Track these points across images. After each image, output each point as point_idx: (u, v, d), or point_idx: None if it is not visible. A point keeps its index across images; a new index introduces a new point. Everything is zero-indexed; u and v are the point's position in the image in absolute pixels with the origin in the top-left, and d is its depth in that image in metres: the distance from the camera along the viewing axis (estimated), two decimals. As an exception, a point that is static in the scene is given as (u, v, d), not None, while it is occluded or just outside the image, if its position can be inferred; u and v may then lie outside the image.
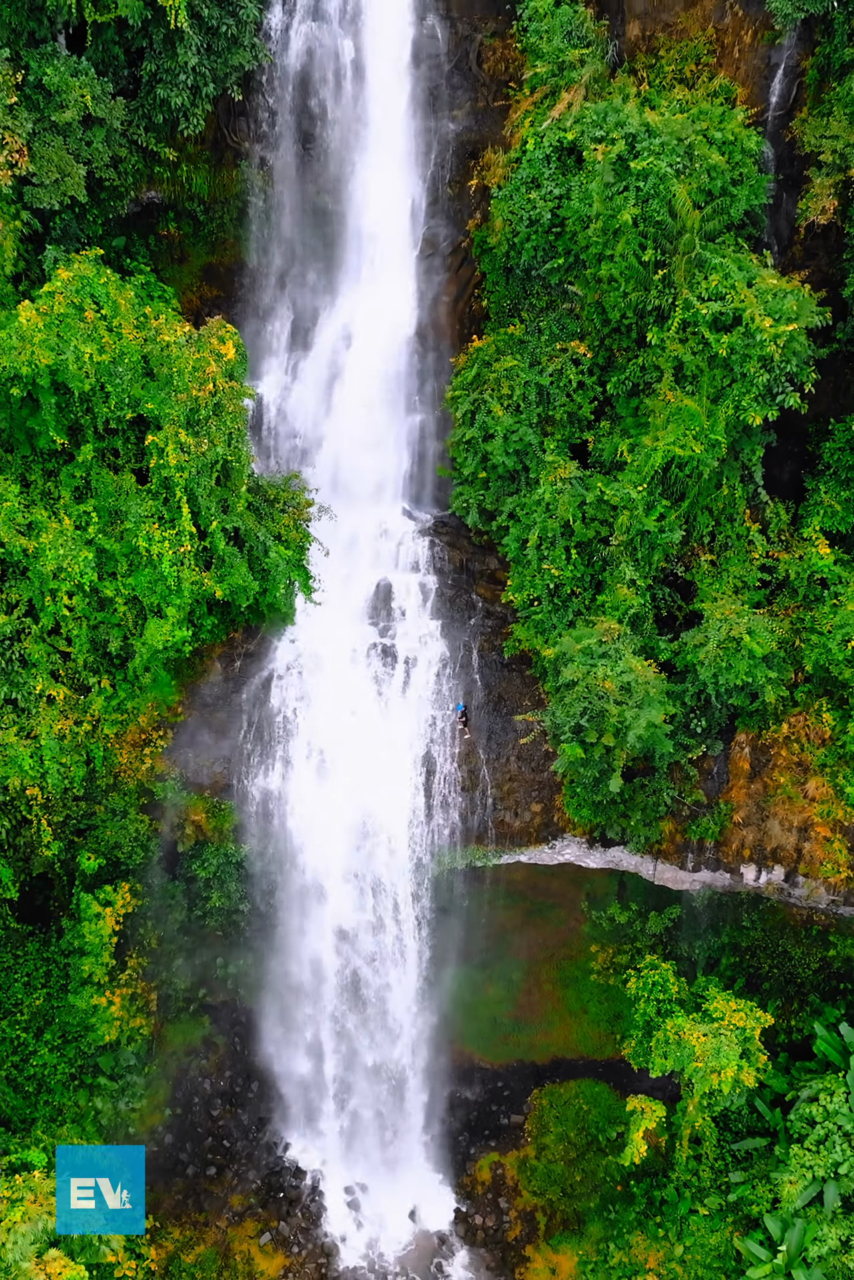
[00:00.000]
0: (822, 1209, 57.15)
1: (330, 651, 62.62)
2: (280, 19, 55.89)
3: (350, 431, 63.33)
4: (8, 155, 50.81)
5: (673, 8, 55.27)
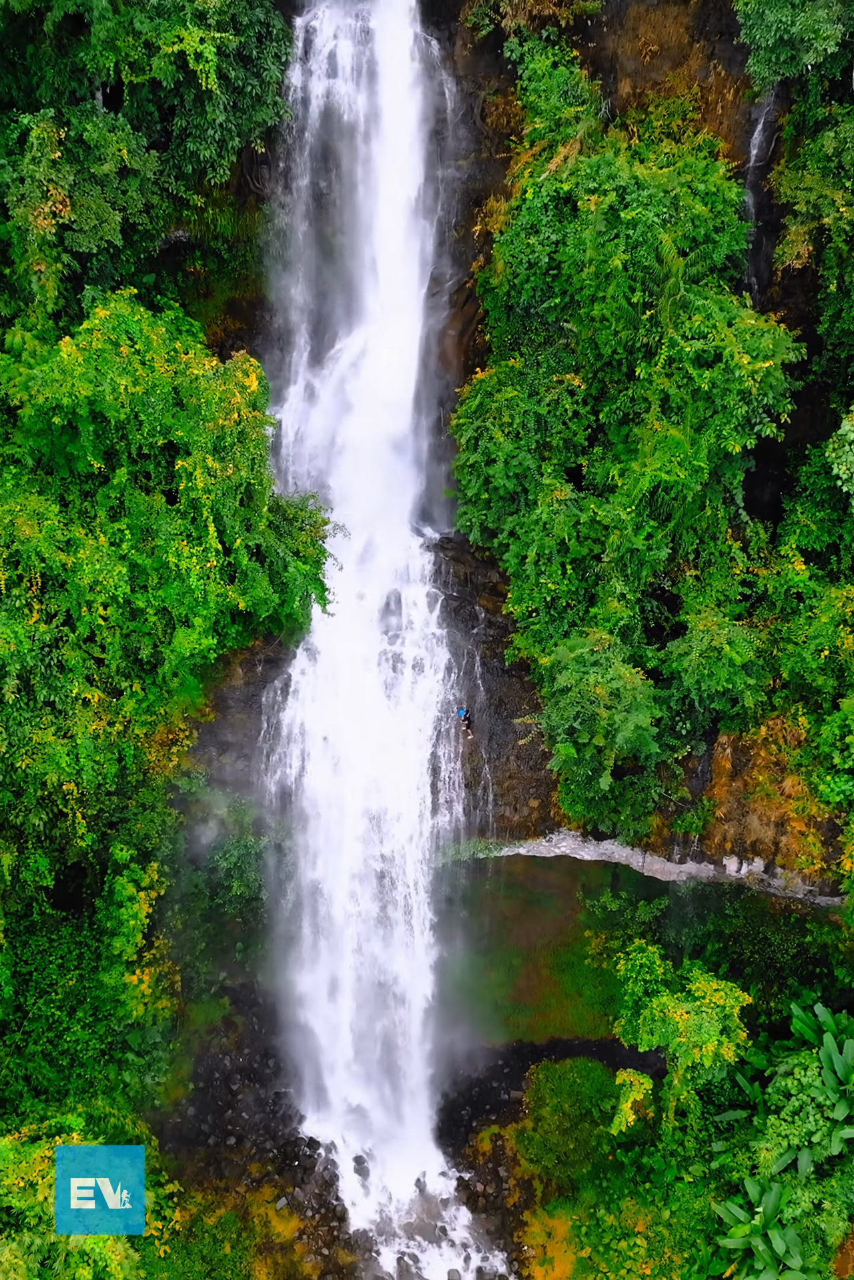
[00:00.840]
0: (796, 1174, 61.19)
1: (344, 657, 66.29)
2: (300, 77, 59.88)
3: (363, 454, 66.97)
4: (52, 205, 54.94)
5: (661, 67, 59.41)
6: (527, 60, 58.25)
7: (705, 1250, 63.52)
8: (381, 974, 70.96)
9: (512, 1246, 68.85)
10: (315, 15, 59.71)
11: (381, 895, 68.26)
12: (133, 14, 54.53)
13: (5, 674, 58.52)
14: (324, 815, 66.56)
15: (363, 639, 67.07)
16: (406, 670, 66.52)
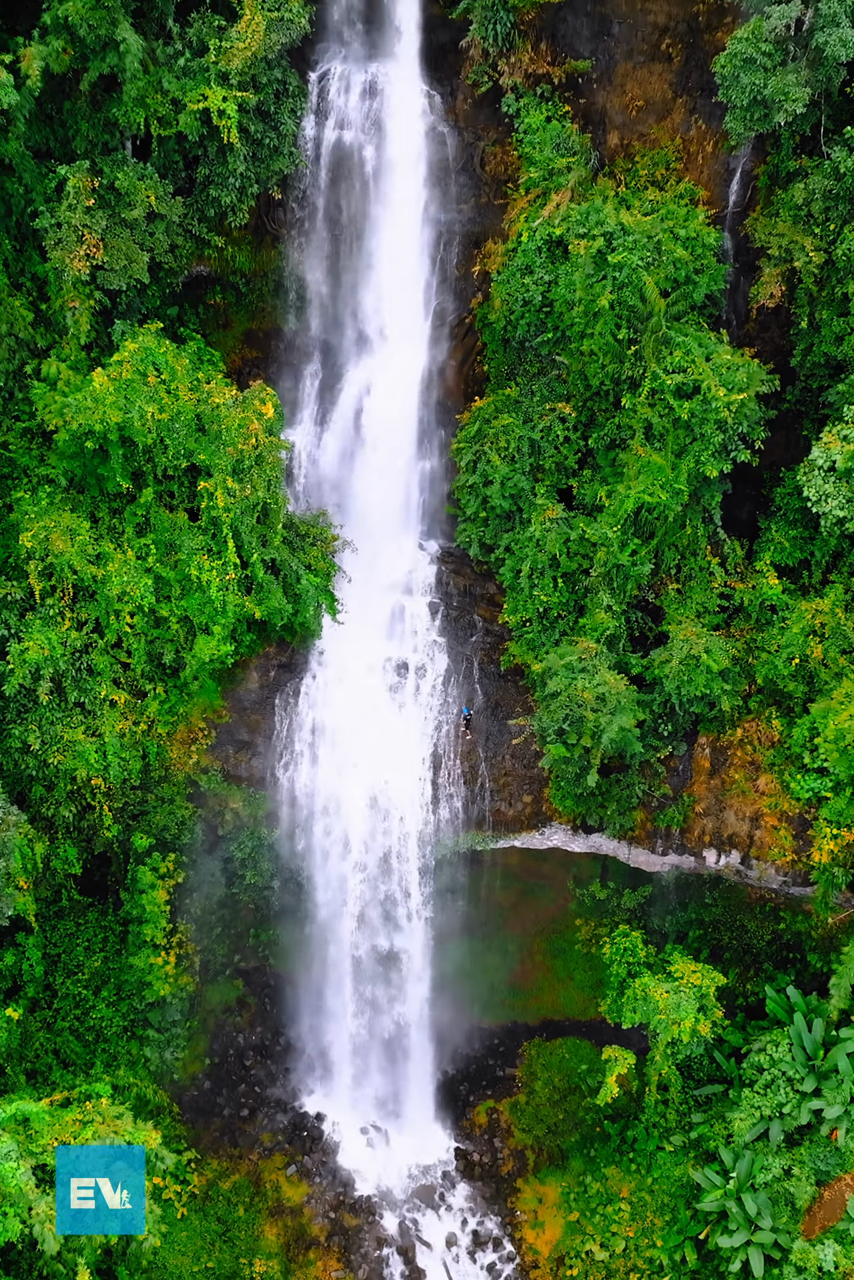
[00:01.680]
0: (768, 1143, 65.33)
1: (352, 663, 70.74)
2: (313, 127, 64.37)
3: (370, 475, 71.31)
4: (86, 249, 59.51)
5: (647, 120, 63.87)
6: (522, 114, 62.82)
7: (684, 1213, 67.73)
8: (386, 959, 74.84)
9: (505, 1211, 73.17)
10: (328, 70, 64.36)
11: (386, 884, 72.32)
12: (161, 74, 59.14)
13: (39, 677, 63.19)
14: (333, 808, 70.81)
15: (369, 645, 71.43)
16: (410, 675, 70.93)
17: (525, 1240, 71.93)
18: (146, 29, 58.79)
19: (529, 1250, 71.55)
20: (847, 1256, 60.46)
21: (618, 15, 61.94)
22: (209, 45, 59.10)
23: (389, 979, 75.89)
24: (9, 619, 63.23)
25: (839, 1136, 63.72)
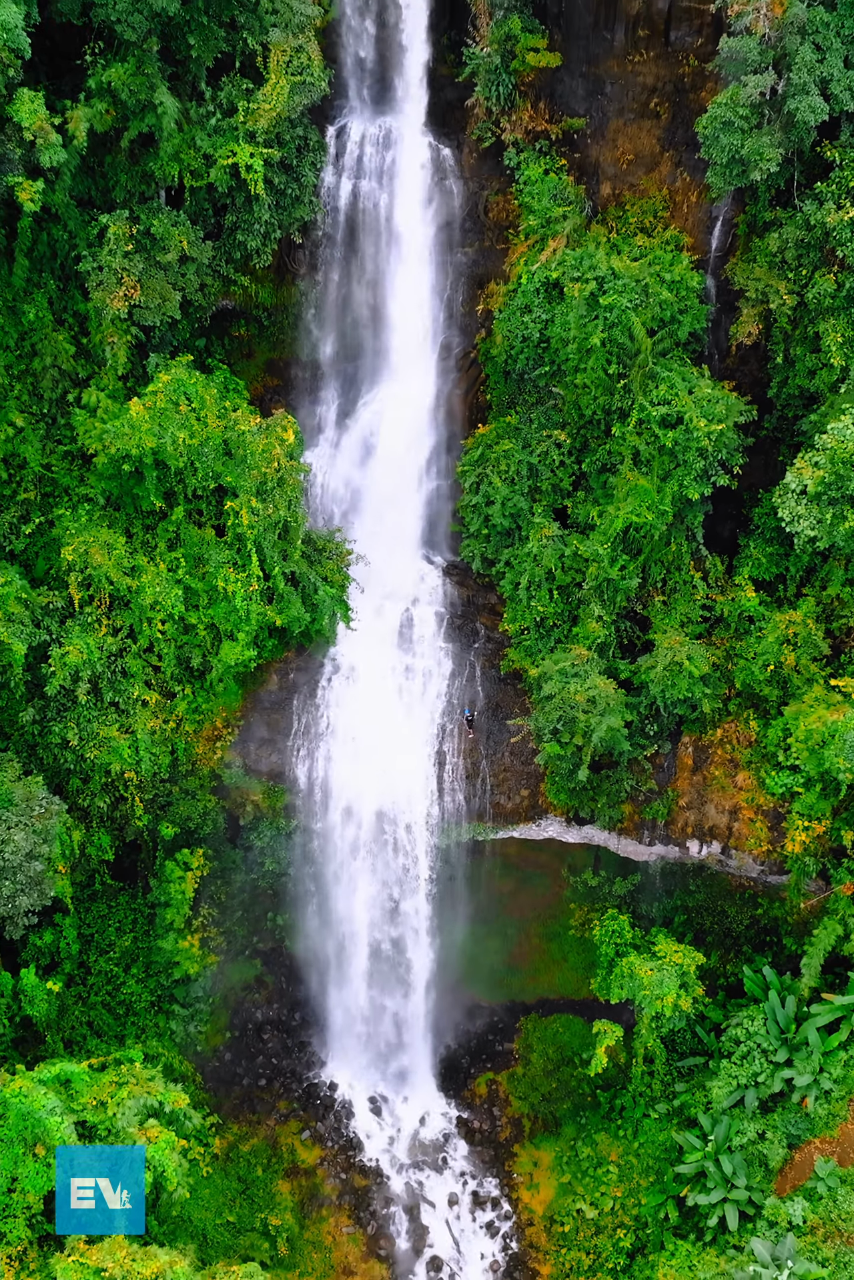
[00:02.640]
0: (743, 1109, 70.05)
1: (364, 667, 75.56)
2: (331, 177, 69.40)
3: (382, 493, 76.32)
4: (125, 290, 64.60)
5: (636, 172, 68.85)
6: (522, 167, 67.83)
7: (667, 1174, 72.45)
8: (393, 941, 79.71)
9: (503, 1174, 78.19)
10: (345, 125, 69.37)
11: (394, 871, 77.21)
12: (194, 132, 64.23)
13: (78, 679, 68.30)
14: (345, 801, 75.65)
15: (380, 651, 76.26)
16: (417, 678, 75.80)
17: (521, 1200, 76.93)
18: (181, 91, 63.77)
19: (525, 1209, 76.58)
20: (814, 1212, 64.89)
21: (610, 77, 66.83)
22: (238, 106, 64.08)
23: (397, 960, 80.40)
24: (51, 625, 68.31)
25: (809, 1104, 68.40)
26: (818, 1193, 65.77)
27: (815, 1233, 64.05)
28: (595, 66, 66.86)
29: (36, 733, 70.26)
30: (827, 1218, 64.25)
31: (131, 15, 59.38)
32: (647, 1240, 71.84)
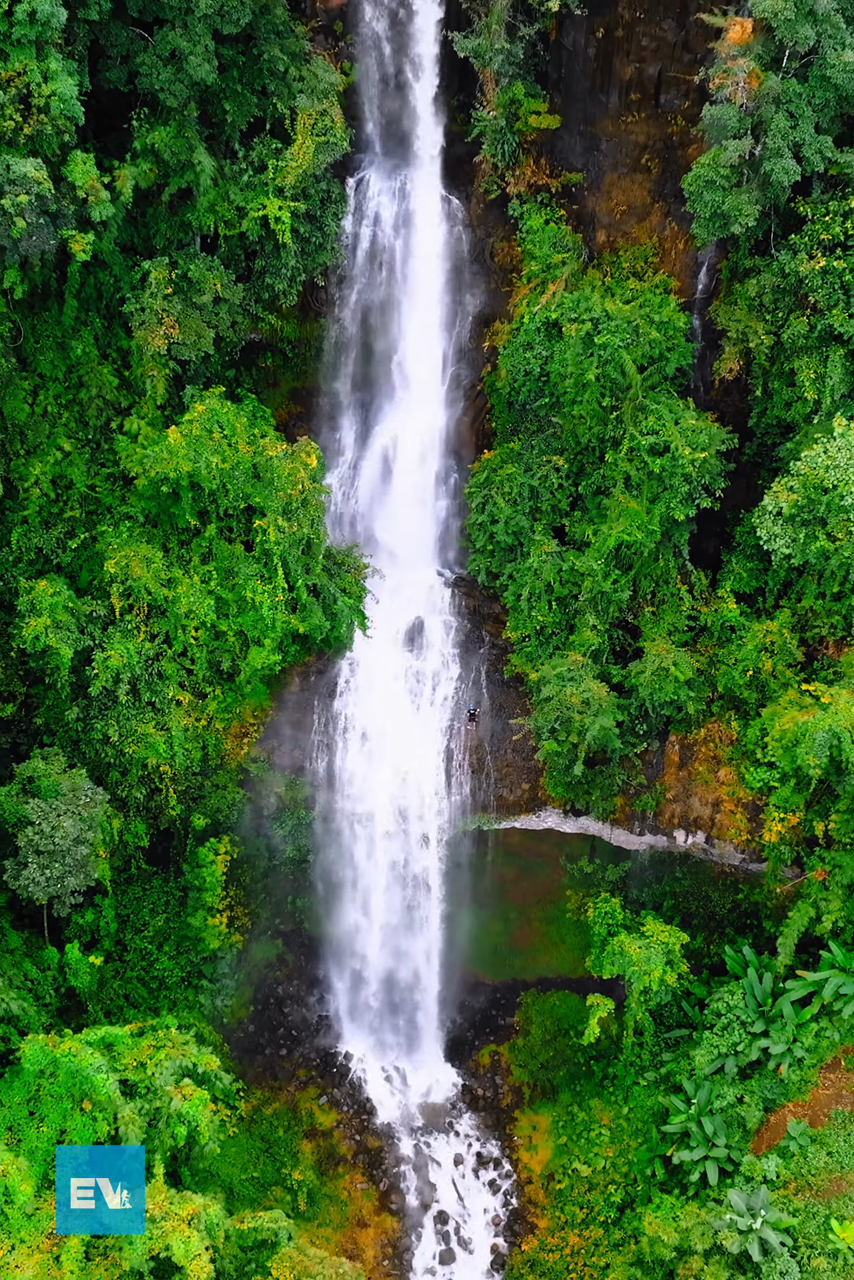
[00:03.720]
0: (724, 1075, 75.43)
1: (378, 670, 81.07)
2: (351, 224, 74.93)
3: (396, 512, 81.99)
4: (165, 329, 70.24)
5: (629, 221, 74.30)
6: (525, 217, 73.30)
7: (654, 1135, 77.97)
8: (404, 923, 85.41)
9: (504, 1137, 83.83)
10: (363, 178, 74.95)
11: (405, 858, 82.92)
12: (229, 187, 69.88)
13: (119, 680, 73.85)
14: (361, 794, 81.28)
15: (393, 656, 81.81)
16: (427, 681, 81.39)
17: (521, 1160, 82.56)
18: (217, 150, 69.49)
19: (524, 1168, 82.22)
20: (786, 1168, 70.19)
21: (605, 135, 72.35)
22: (268, 164, 69.66)
23: (407, 941, 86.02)
24: (94, 632, 73.90)
25: (783, 1070, 73.81)
26: (790, 1151, 70.98)
27: (787, 1187, 69.33)
28: (592, 126, 72.40)
29: (80, 729, 75.94)
30: (798, 1173, 69.60)
31: (173, 84, 65.28)
32: (635, 1195, 77.37)
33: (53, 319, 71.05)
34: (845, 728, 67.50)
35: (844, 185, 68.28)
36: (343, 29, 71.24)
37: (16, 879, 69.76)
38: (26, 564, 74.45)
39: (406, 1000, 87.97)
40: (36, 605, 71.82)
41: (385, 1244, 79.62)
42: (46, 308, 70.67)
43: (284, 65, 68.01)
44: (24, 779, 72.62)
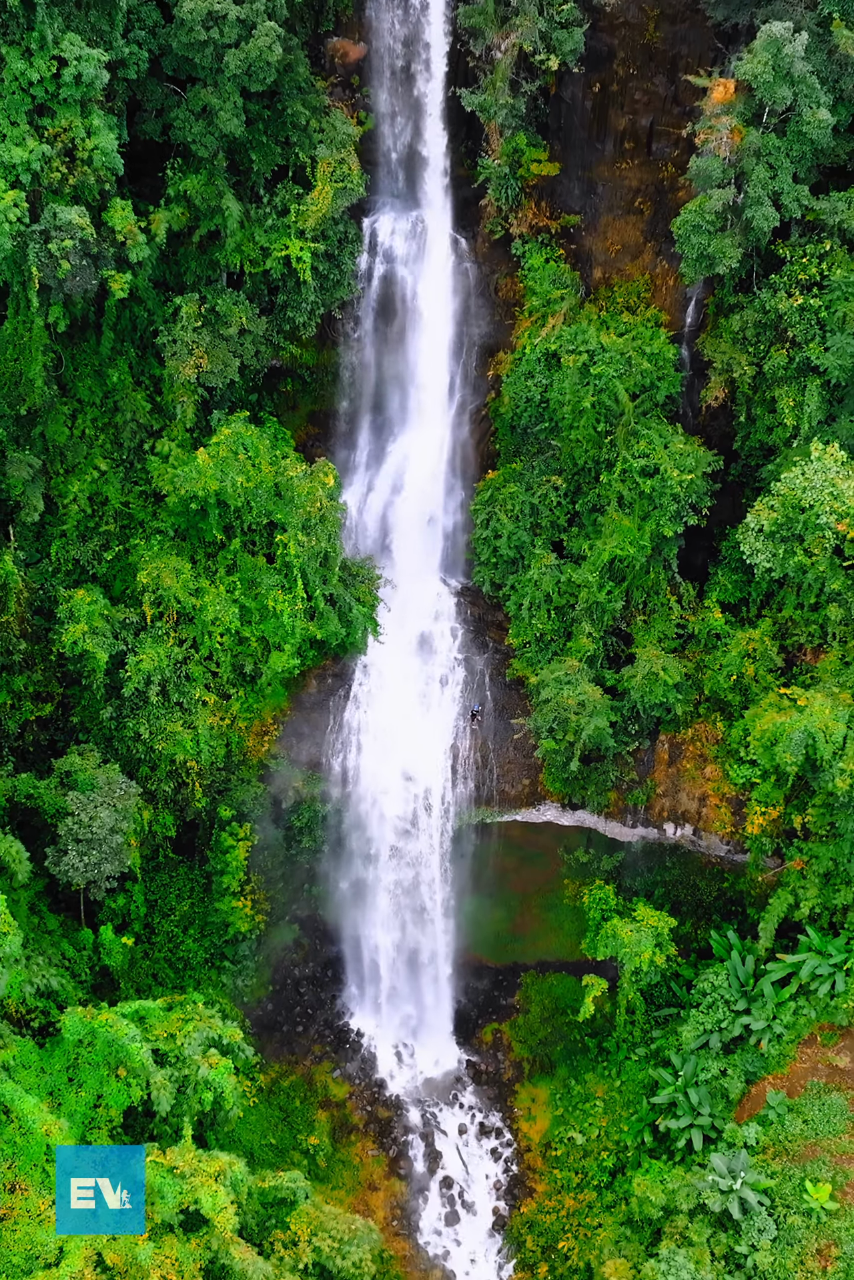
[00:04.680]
0: (708, 1050, 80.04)
1: (390, 673, 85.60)
2: (366, 261, 79.81)
3: (407, 527, 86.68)
4: (195, 360, 75.20)
5: (623, 260, 79.28)
6: (527, 256, 78.39)
7: (644, 1106, 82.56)
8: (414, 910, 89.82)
9: (505, 1109, 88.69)
10: (377, 218, 79.83)
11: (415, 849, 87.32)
12: (254, 229, 74.87)
13: (150, 682, 78.57)
14: (374, 788, 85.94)
15: (404, 660, 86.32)
16: (435, 683, 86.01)
17: (521, 1130, 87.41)
18: (243, 195, 74.51)
19: (524, 1137, 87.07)
20: (765, 1135, 74.67)
21: (601, 180, 77.50)
22: (290, 208, 74.64)
23: (416, 927, 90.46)
24: (128, 637, 78.73)
25: (764, 1046, 78.65)
26: (769, 1119, 75.56)
27: (766, 1152, 73.94)
28: (589, 171, 77.61)
29: (113, 727, 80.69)
30: (776, 1139, 74.19)
31: (205, 136, 70.48)
32: (626, 1161, 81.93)
33: (91, 349, 76.06)
34: (819, 728, 72.23)
35: (820, 230, 73.47)
36: (360, 82, 76.43)
37: (57, 865, 74.63)
38: (65, 574, 79.40)
39: (415, 982, 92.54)
40: (75, 613, 76.64)
41: (394, 1206, 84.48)
42: (85, 339, 75.69)
43: (306, 118, 73.16)
44: (62, 773, 77.52)
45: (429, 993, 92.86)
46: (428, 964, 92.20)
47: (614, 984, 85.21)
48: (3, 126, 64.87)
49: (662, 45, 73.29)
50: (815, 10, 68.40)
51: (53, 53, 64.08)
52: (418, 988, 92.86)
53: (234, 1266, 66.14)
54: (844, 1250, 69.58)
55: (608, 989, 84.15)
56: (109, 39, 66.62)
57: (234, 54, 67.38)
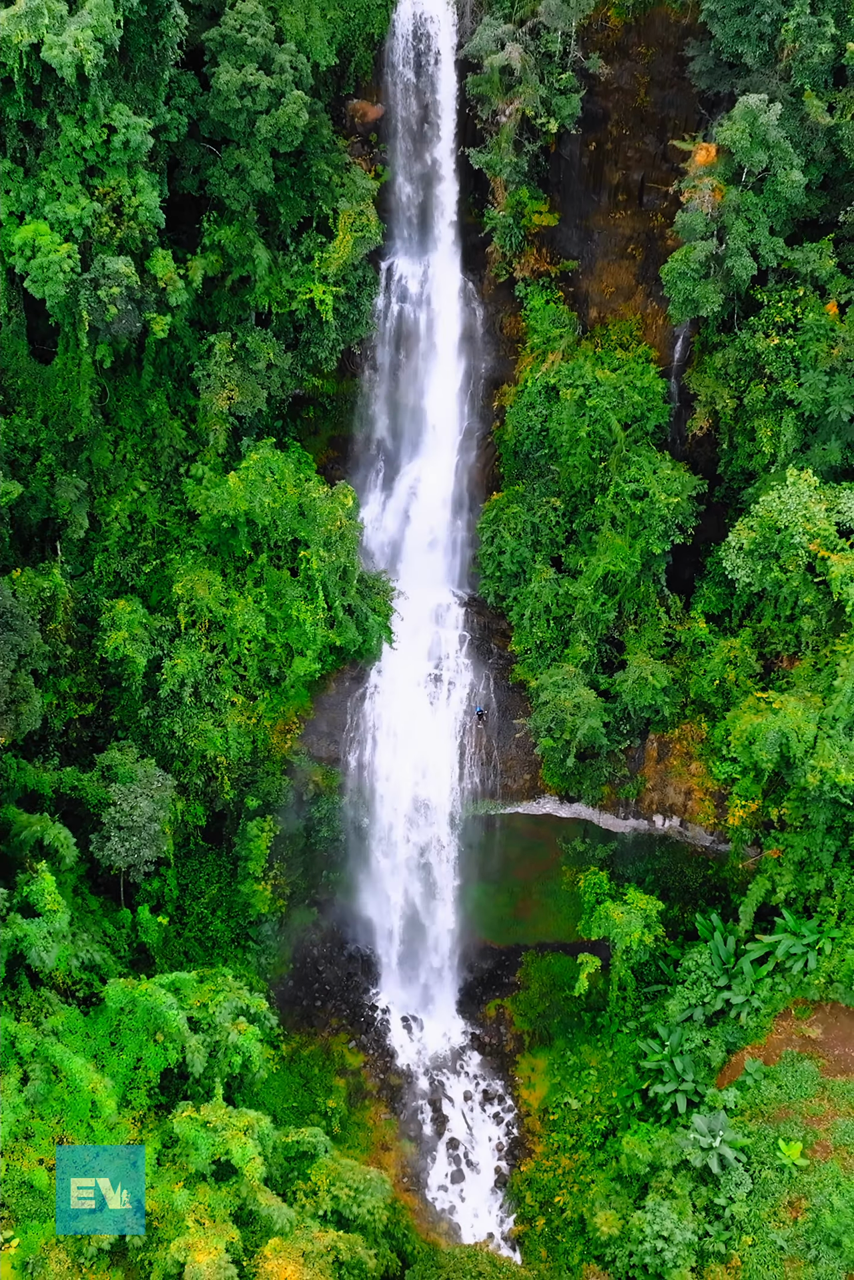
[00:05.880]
0: (693, 1023, 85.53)
1: (402, 677, 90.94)
2: (382, 301, 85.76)
3: (418, 543, 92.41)
4: (227, 392, 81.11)
5: (617, 301, 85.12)
6: (529, 298, 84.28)
7: (633, 1074, 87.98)
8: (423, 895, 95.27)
9: (507, 1077, 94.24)
10: (393, 262, 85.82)
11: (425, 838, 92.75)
12: (281, 274, 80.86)
13: (184, 684, 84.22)
14: (387, 782, 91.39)
15: (415, 665, 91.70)
16: (444, 686, 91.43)
17: (521, 1097, 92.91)
18: (271, 243, 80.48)
19: (524, 1104, 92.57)
20: (743, 1099, 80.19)
21: (597, 228, 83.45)
22: (314, 255, 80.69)
23: (426, 911, 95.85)
24: (164, 643, 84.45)
25: (743, 1018, 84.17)
26: (747, 1085, 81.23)
27: (743, 1114, 79.67)
28: (586, 221, 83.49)
29: (150, 726, 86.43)
30: (752, 1103, 79.94)
31: (237, 192, 76.68)
32: (617, 1123, 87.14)
33: (132, 381, 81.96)
34: (792, 729, 77.98)
35: (794, 277, 79.30)
36: (377, 138, 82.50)
37: (101, 850, 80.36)
38: (107, 586, 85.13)
39: (425, 962, 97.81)
40: (116, 621, 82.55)
41: (404, 1165, 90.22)
42: (128, 372, 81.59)
43: (328, 175, 79.33)
44: (103, 767, 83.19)
45: (437, 971, 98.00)
46: (437, 945, 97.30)
47: (607, 963, 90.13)
48: (58, 186, 71.06)
49: (652, 109, 79.34)
50: (789, 81, 74.15)
51: (103, 121, 70.20)
52: (428, 967, 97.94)
53: (261, 1212, 71.66)
54: (813, 1202, 75.28)
55: (601, 967, 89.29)
56: (152, 106, 72.75)
57: (265, 120, 73.54)
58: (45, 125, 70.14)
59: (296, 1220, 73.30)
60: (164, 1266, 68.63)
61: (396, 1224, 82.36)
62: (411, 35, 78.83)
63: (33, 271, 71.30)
